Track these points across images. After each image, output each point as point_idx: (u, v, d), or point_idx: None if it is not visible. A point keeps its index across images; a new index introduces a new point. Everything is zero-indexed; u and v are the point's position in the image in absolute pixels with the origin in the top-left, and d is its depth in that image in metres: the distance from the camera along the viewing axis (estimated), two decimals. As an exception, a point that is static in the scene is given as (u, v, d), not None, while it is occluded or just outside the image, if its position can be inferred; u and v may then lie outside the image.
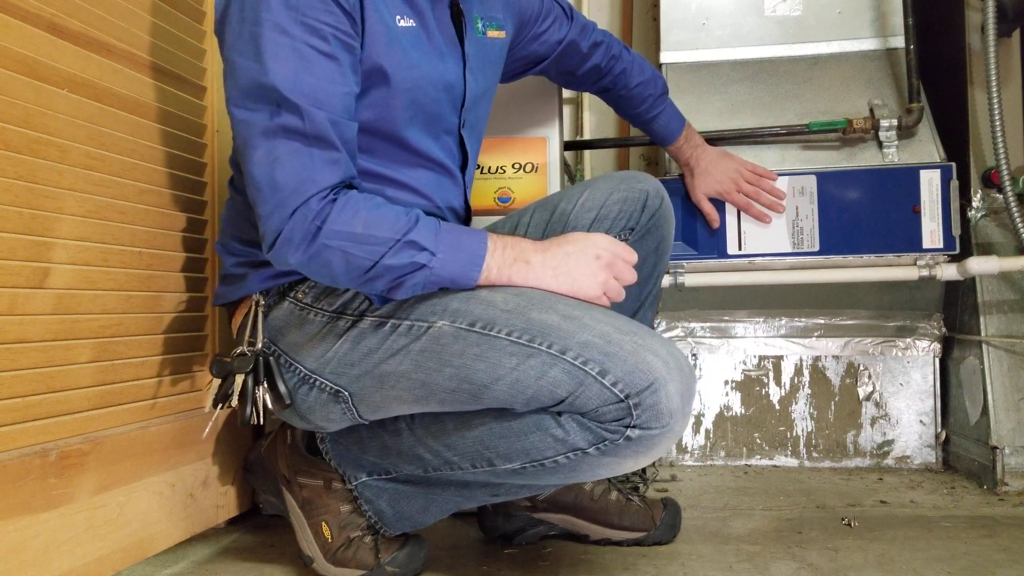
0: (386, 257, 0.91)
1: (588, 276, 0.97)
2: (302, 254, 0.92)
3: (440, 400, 0.97)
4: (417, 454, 1.05)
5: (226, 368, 1.03)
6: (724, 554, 1.18)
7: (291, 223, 0.90)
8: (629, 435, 0.89)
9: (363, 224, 0.91)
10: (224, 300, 1.11)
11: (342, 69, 0.95)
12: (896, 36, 1.68)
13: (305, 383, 1.04)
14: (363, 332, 1.00)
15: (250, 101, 0.92)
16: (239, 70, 0.93)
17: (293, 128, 0.91)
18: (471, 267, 0.95)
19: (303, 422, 1.08)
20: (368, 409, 1.03)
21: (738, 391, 1.81)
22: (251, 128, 0.93)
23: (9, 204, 0.88)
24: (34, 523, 0.90)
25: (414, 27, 1.03)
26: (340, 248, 0.91)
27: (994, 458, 1.54)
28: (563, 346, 0.90)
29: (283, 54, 0.91)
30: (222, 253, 1.11)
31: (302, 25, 0.92)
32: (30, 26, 0.92)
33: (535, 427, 0.94)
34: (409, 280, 0.93)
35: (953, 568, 1.11)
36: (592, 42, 1.36)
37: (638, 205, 1.18)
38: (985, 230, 1.69)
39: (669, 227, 1.22)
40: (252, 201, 0.94)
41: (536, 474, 0.97)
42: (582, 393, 0.89)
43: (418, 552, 1.11)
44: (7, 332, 0.88)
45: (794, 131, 1.59)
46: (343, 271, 0.92)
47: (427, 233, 0.93)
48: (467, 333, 0.94)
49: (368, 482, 1.11)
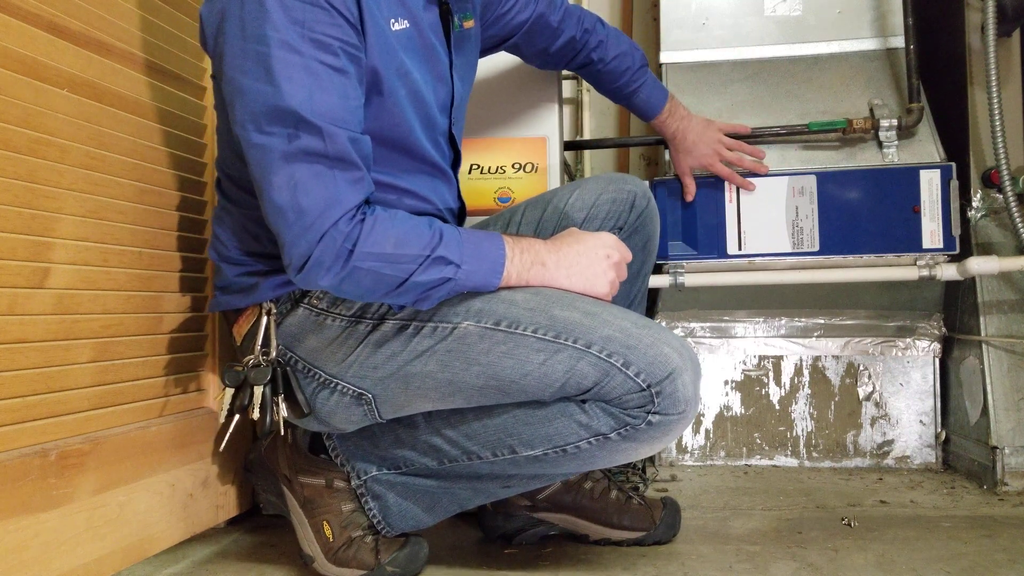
0: (416, 274, 0.93)
1: (600, 275, 1.02)
2: (334, 276, 0.92)
3: (466, 397, 1.00)
4: (434, 445, 1.06)
5: (239, 378, 1.03)
6: (724, 554, 1.18)
7: (321, 247, 0.90)
8: (651, 420, 0.95)
9: (394, 244, 0.92)
10: (226, 308, 1.10)
11: (352, 83, 0.94)
12: (896, 36, 1.68)
13: (326, 387, 1.04)
14: (385, 335, 1.01)
15: (265, 124, 0.90)
16: (249, 93, 0.91)
17: (314, 151, 0.90)
18: (493, 275, 0.98)
19: (321, 425, 1.08)
20: (390, 409, 1.05)
21: (738, 391, 1.81)
22: (269, 153, 0.91)
23: (9, 204, 0.88)
24: (34, 523, 0.90)
25: (407, 29, 1.03)
26: (372, 268, 0.92)
27: (994, 458, 1.54)
28: (588, 341, 0.95)
29: (296, 75, 0.90)
30: (221, 263, 1.09)
31: (311, 41, 0.90)
32: (30, 26, 0.92)
33: (560, 414, 0.98)
34: (436, 293, 0.96)
35: (953, 568, 1.11)
36: (563, 15, 1.34)
37: (626, 205, 1.23)
38: (985, 230, 1.69)
39: (655, 226, 1.28)
40: (275, 228, 0.93)
41: (556, 461, 1.01)
42: (607, 383, 0.94)
43: (419, 552, 1.11)
44: (7, 332, 0.88)
45: (794, 131, 1.59)
46: (372, 288, 0.94)
47: (453, 247, 0.95)
48: (493, 332, 0.97)
49: (378, 476, 1.11)
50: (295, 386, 1.04)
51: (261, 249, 1.06)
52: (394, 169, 1.06)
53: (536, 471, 1.05)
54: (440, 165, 1.12)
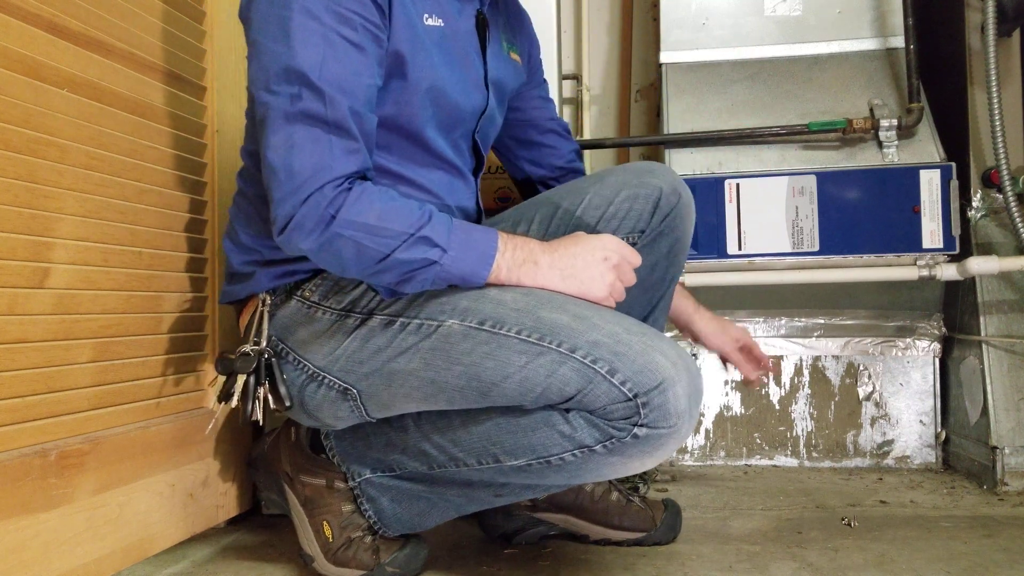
0: (398, 251, 0.91)
1: (597, 278, 0.97)
2: (314, 241, 0.91)
3: (449, 398, 0.97)
4: (422, 450, 1.05)
5: (229, 366, 1.03)
6: (724, 554, 1.18)
7: (304, 208, 0.90)
8: (637, 433, 0.89)
9: (377, 216, 0.91)
10: (231, 298, 1.11)
11: (368, 61, 0.95)
12: (896, 36, 1.68)
13: (313, 380, 1.04)
14: (372, 330, 1.00)
15: (273, 83, 0.93)
16: (265, 52, 0.94)
17: (314, 114, 0.91)
18: (481, 266, 0.95)
19: (311, 419, 1.08)
20: (376, 407, 1.03)
21: (738, 391, 1.81)
22: (272, 111, 0.93)
23: (9, 204, 0.88)
24: (34, 523, 0.90)
25: (441, 27, 1.04)
26: (353, 238, 0.91)
27: (994, 458, 1.54)
28: (573, 345, 0.90)
29: (312, 39, 0.91)
30: (230, 250, 1.10)
31: (333, 13, 0.92)
32: (30, 26, 0.92)
33: (543, 423, 0.94)
34: (419, 275, 0.93)
35: (953, 568, 1.11)
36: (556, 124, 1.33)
37: (649, 205, 1.12)
38: (985, 230, 1.69)
39: (685, 227, 1.16)
40: (267, 186, 0.94)
41: (541, 472, 0.97)
42: (591, 391, 0.89)
43: (418, 552, 1.11)
44: (7, 332, 0.88)
45: (794, 131, 1.59)
46: (354, 261, 0.93)
47: (440, 230, 0.93)
48: (477, 332, 0.94)
49: (371, 479, 1.11)
50: (278, 377, 1.03)
51: (265, 230, 1.05)
52: (411, 162, 1.06)
53: (525, 481, 1.01)
54: (457, 165, 1.11)
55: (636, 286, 1.04)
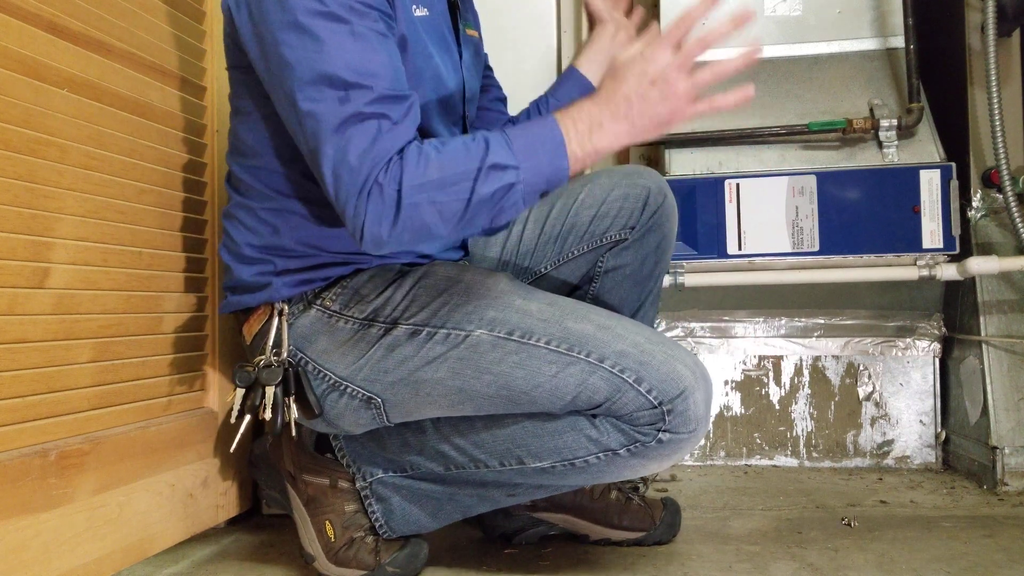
0: (476, 191, 0.87)
1: (660, 103, 0.90)
2: (392, 225, 0.87)
3: (476, 406, 1.00)
4: (441, 451, 1.06)
5: (250, 378, 1.02)
6: (724, 554, 1.18)
7: (370, 203, 0.87)
8: (661, 438, 0.94)
9: (438, 167, 0.88)
10: (237, 308, 1.10)
11: (393, 47, 0.94)
12: (896, 36, 1.68)
13: (335, 390, 1.04)
14: (397, 339, 1.00)
15: (314, 91, 0.89)
16: (298, 64, 0.89)
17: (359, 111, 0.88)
18: (558, 159, 0.90)
19: (329, 427, 1.08)
20: (399, 414, 1.04)
21: (738, 391, 1.81)
22: (320, 122, 0.89)
23: (9, 204, 0.88)
24: (34, 523, 0.90)
25: (427, 16, 1.05)
26: (427, 200, 0.87)
27: (994, 458, 1.54)
28: (601, 355, 0.95)
29: (344, 42, 0.89)
30: (234, 263, 1.07)
31: (352, 10, 0.90)
32: (30, 26, 0.92)
33: (570, 427, 0.98)
34: (507, 202, 0.89)
35: (953, 568, 1.11)
36: None
37: (639, 203, 1.18)
38: (985, 230, 1.69)
39: (671, 225, 1.21)
40: (331, 197, 0.90)
41: (563, 474, 1.00)
42: (619, 399, 0.94)
43: (419, 552, 1.11)
44: (7, 332, 0.88)
45: (794, 131, 1.59)
46: (439, 222, 0.89)
47: (502, 150, 0.89)
48: (506, 342, 0.97)
49: (384, 479, 1.11)
50: (306, 387, 1.03)
51: (279, 242, 1.04)
52: None
53: (542, 482, 1.04)
54: None
55: (628, 280, 1.09)
